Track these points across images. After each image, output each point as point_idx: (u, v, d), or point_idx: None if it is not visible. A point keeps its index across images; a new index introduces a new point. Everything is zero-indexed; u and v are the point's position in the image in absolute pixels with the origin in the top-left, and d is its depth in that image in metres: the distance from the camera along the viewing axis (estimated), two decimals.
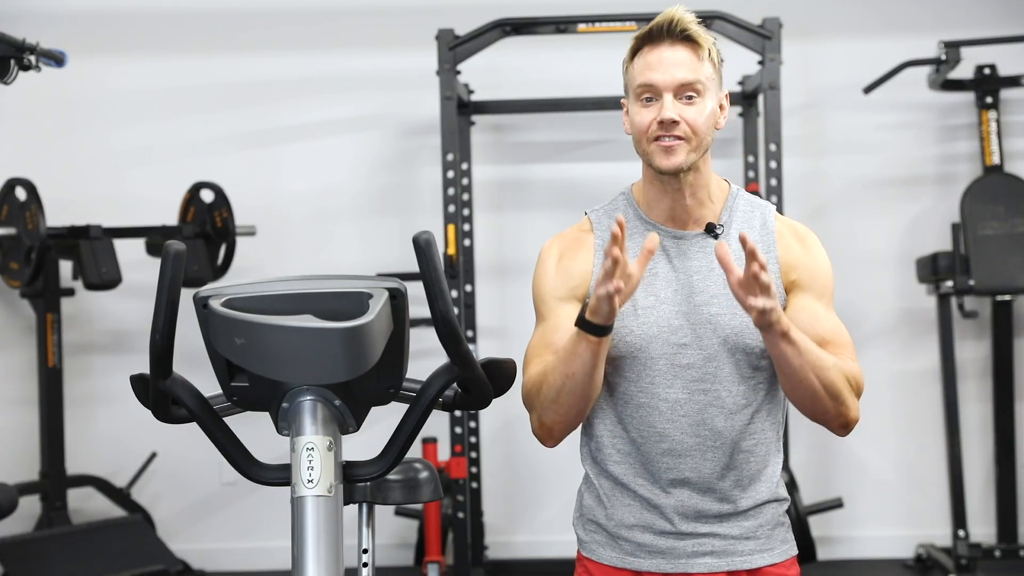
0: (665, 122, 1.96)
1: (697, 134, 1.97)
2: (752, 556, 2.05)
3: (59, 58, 3.90)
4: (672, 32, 1.97)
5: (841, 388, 1.95)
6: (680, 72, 1.96)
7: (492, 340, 4.95)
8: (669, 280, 2.02)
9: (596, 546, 2.09)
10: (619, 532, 2.06)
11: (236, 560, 5.01)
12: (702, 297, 2.01)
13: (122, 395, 4.20)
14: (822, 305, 2.04)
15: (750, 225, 2.06)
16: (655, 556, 2.04)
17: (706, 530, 2.03)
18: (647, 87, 1.97)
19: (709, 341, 2.00)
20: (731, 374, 2.01)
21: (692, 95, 1.97)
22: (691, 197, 2.03)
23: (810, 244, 2.08)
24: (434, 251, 1.57)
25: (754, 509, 2.05)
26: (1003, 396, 4.81)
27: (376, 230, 5.03)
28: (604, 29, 4.35)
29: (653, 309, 2.01)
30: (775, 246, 2.05)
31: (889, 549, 4.94)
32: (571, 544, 2.20)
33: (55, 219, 4.59)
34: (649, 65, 1.98)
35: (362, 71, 5.06)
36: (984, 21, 4.89)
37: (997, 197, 4.66)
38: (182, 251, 1.54)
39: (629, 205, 2.09)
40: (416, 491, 2.00)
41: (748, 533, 2.05)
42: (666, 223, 2.06)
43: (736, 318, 1.99)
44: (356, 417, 1.64)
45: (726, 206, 2.07)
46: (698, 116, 1.97)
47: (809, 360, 1.91)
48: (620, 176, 4.79)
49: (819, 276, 2.05)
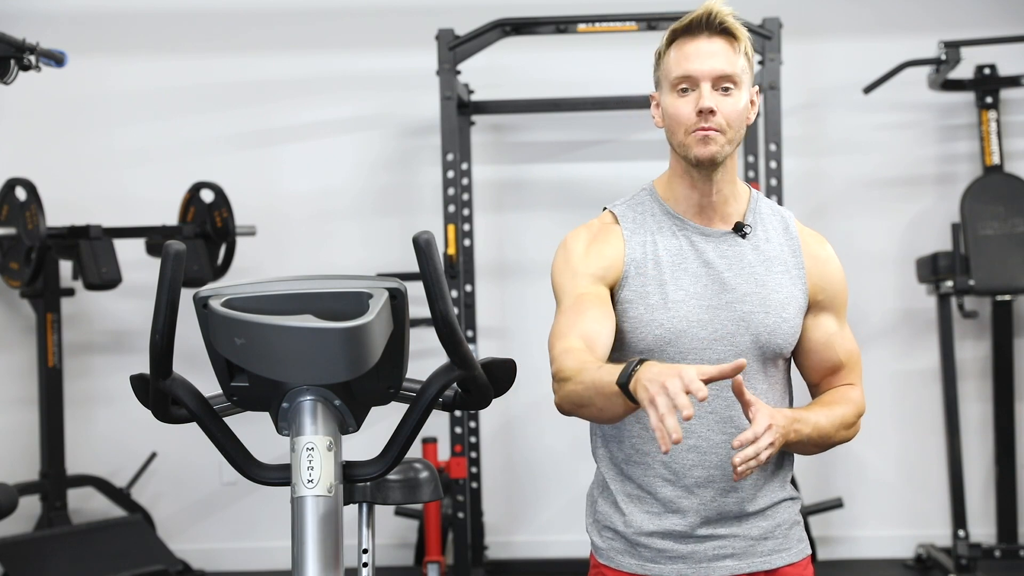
0: (704, 111, 1.96)
1: (732, 126, 1.98)
2: (771, 556, 2.05)
3: (59, 58, 3.90)
4: (711, 25, 1.98)
5: (851, 432, 2.05)
6: (718, 63, 1.97)
7: (492, 340, 4.95)
8: (699, 275, 2.03)
9: (614, 553, 2.08)
10: (638, 539, 2.04)
11: (236, 560, 5.01)
12: (734, 294, 2.01)
13: (122, 395, 4.20)
14: (839, 324, 2.08)
15: (773, 227, 2.08)
16: (676, 561, 2.03)
17: (726, 532, 2.03)
18: (685, 78, 1.98)
19: (741, 338, 2.00)
20: (758, 371, 2.02)
21: (729, 87, 1.98)
22: (718, 193, 2.04)
23: (829, 257, 2.10)
24: (434, 251, 1.56)
25: (771, 508, 2.06)
26: (1003, 396, 4.81)
27: (376, 230, 5.03)
28: (604, 29, 4.34)
29: (683, 303, 2.00)
30: (800, 251, 2.07)
31: (889, 549, 4.95)
32: (571, 544, 2.21)
33: (55, 219, 4.59)
34: (687, 56, 1.98)
35: (362, 71, 5.06)
36: (984, 21, 4.89)
37: (997, 197, 4.66)
38: (182, 251, 1.53)
39: (654, 200, 2.09)
40: (416, 491, 2.00)
41: (767, 533, 2.05)
42: (693, 218, 2.06)
43: (769, 316, 2.01)
44: (356, 417, 1.64)
45: (749, 208, 2.08)
46: (734, 108, 1.98)
47: (824, 435, 1.99)
48: (620, 176, 4.83)
49: (840, 293, 2.09)
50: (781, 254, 2.05)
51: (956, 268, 4.53)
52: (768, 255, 2.05)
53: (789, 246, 2.07)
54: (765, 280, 2.02)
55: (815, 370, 2.09)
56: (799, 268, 2.05)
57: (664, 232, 2.05)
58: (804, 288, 2.05)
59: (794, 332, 2.03)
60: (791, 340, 2.03)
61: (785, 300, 2.02)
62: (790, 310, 2.02)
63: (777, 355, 2.03)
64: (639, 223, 2.07)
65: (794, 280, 2.04)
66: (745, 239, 2.05)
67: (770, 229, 2.07)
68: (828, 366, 2.07)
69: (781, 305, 2.01)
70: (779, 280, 2.03)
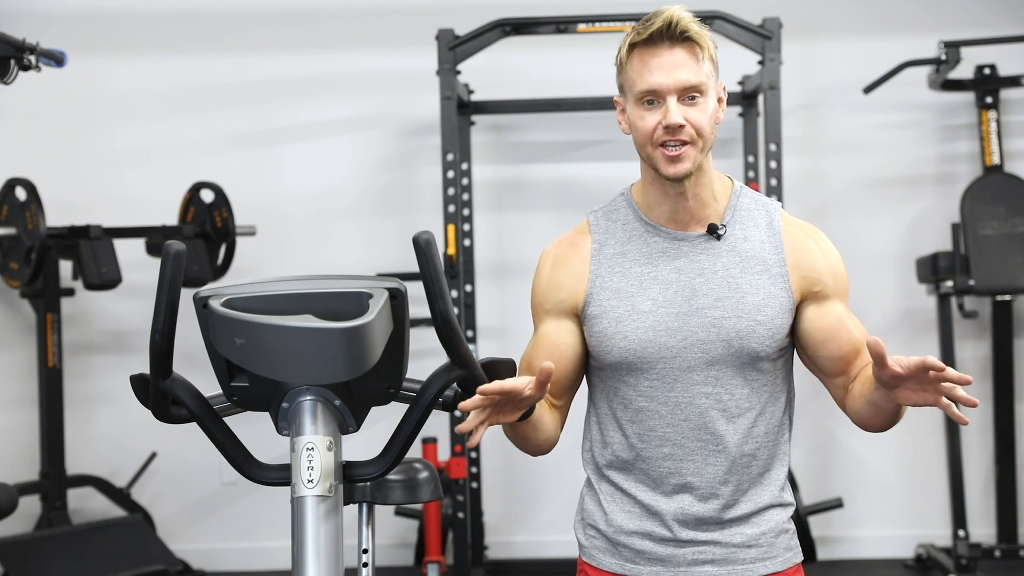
0: (672, 127, 1.92)
1: (702, 135, 1.94)
2: (754, 564, 2.02)
3: (59, 58, 3.90)
4: (672, 34, 1.93)
5: None
6: (683, 74, 1.92)
7: (492, 340, 4.95)
8: (669, 283, 2.00)
9: (596, 552, 2.08)
10: (618, 538, 2.04)
11: (236, 560, 5.00)
12: (704, 300, 1.98)
13: (122, 395, 4.20)
14: (846, 310, 2.03)
15: (755, 224, 2.03)
16: (655, 563, 2.02)
17: (706, 537, 2.01)
18: (650, 92, 1.94)
19: (712, 344, 1.97)
20: (734, 377, 1.98)
21: (695, 95, 1.94)
22: (694, 199, 2.00)
23: (825, 246, 2.05)
24: (434, 251, 1.56)
25: (756, 515, 2.02)
26: (1003, 396, 4.81)
27: (376, 230, 5.03)
28: (604, 29, 4.35)
29: (651, 313, 1.98)
30: (783, 247, 2.01)
31: (889, 549, 4.94)
32: (571, 544, 2.20)
33: (55, 219, 4.59)
34: (650, 69, 1.93)
35: (362, 71, 5.06)
36: (984, 21, 4.89)
37: (997, 197, 4.66)
38: (182, 251, 1.53)
39: (629, 206, 2.07)
40: (416, 491, 2.00)
41: (750, 541, 2.02)
42: (667, 224, 2.03)
43: (741, 321, 1.97)
44: (356, 417, 1.64)
45: (729, 204, 2.04)
46: (702, 116, 1.94)
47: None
48: (620, 176, 4.80)
49: (840, 280, 2.03)
50: (760, 252, 2.00)
51: (956, 268, 4.53)
52: (745, 255, 2.00)
53: (771, 242, 2.01)
54: (740, 283, 1.98)
55: (834, 359, 2.01)
56: (780, 265, 2.00)
57: (635, 240, 2.03)
58: (787, 285, 1.99)
59: (773, 334, 1.97)
60: (769, 342, 1.97)
61: (761, 302, 1.97)
62: (768, 311, 1.97)
63: (754, 358, 1.98)
64: (610, 233, 2.05)
65: (774, 279, 1.99)
66: (720, 240, 2.01)
67: (750, 226, 2.03)
68: (848, 349, 2.00)
69: (756, 308, 1.97)
70: (755, 281, 1.99)
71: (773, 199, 2.10)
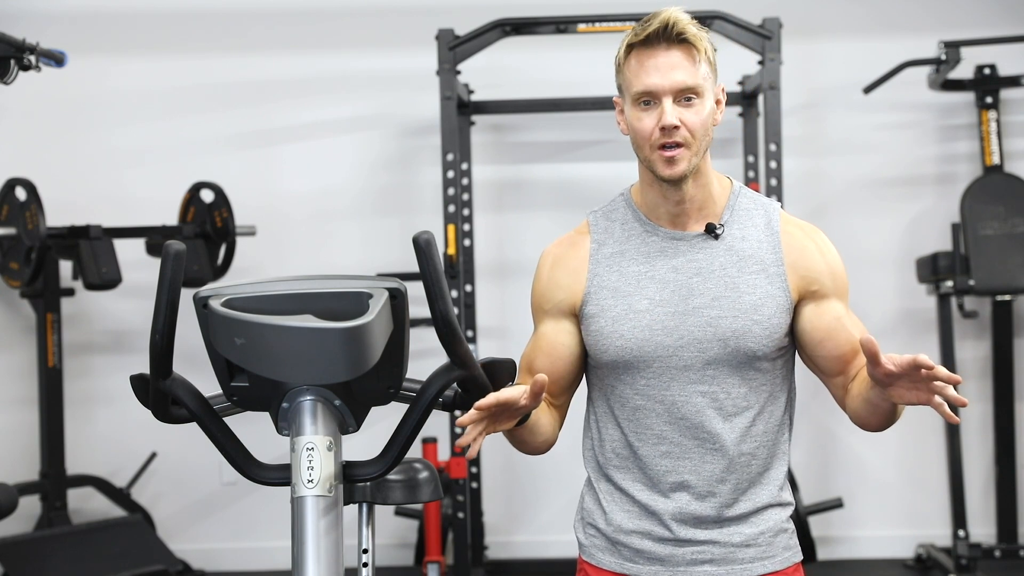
0: (667, 128, 1.93)
1: (697, 137, 1.95)
2: (752, 564, 2.02)
3: (59, 58, 3.90)
4: (668, 36, 1.94)
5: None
6: (679, 76, 1.93)
7: (492, 340, 4.95)
8: (666, 282, 2.00)
9: (595, 550, 2.08)
10: (617, 537, 2.05)
11: (236, 560, 5.01)
12: (702, 299, 1.98)
13: (122, 395, 4.20)
14: (845, 309, 2.02)
15: (753, 223, 2.03)
16: (653, 563, 2.03)
17: (705, 537, 2.01)
18: (645, 93, 1.95)
19: (709, 344, 1.97)
20: (731, 376, 1.99)
21: (691, 97, 1.95)
22: (691, 200, 2.01)
23: (823, 245, 2.05)
24: (434, 251, 1.56)
25: (754, 515, 2.03)
26: (1003, 396, 4.81)
27: (376, 230, 5.03)
28: (604, 29, 4.35)
29: (647, 312, 1.99)
30: (780, 247, 2.02)
31: (889, 549, 4.95)
32: (571, 544, 2.20)
33: (55, 219, 4.59)
34: (646, 70, 1.94)
35: (362, 71, 5.06)
36: (984, 21, 4.89)
37: (997, 197, 4.66)
38: (182, 251, 1.54)
39: (628, 206, 2.08)
40: (416, 491, 2.00)
41: (749, 540, 2.02)
42: (665, 224, 2.03)
43: (737, 320, 1.97)
44: (356, 417, 1.64)
45: (728, 204, 2.04)
46: (697, 118, 1.94)
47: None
48: (620, 176, 4.80)
49: (839, 279, 2.03)
50: (758, 252, 2.01)
51: (956, 268, 4.53)
52: (743, 254, 2.00)
53: (769, 242, 2.02)
54: (737, 282, 1.99)
55: (832, 359, 2.01)
56: (778, 265, 2.00)
57: (633, 240, 2.04)
58: (784, 284, 1.99)
59: (770, 333, 1.98)
60: (766, 342, 1.97)
61: (759, 301, 1.98)
62: (765, 311, 1.97)
63: (752, 358, 1.98)
64: (609, 232, 2.07)
65: (771, 278, 1.99)
66: (718, 240, 2.02)
67: (748, 226, 2.03)
68: (847, 349, 2.00)
69: (753, 307, 1.97)
70: (753, 280, 1.99)
71: (773, 199, 2.10)
